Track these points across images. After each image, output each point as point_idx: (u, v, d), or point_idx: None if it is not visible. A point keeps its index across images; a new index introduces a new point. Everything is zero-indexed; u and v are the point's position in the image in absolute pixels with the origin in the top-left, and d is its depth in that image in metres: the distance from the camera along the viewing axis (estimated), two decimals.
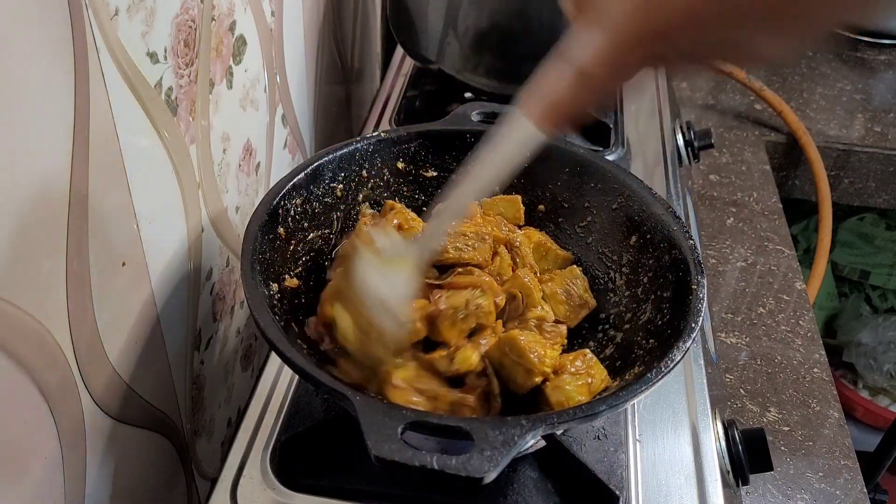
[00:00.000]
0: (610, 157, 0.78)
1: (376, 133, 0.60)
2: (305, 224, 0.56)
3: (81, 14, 0.38)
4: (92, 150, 0.41)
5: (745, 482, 0.58)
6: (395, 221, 0.56)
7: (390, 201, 0.59)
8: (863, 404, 1.44)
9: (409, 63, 0.98)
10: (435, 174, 0.63)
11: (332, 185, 0.58)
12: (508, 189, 0.62)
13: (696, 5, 0.32)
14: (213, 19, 0.54)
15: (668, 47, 0.35)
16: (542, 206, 0.62)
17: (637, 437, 0.55)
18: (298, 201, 0.55)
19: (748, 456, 0.57)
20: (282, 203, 0.53)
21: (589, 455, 0.50)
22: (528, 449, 0.51)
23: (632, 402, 0.44)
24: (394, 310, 0.43)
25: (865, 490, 0.76)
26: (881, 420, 1.40)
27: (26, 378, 0.39)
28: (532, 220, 0.62)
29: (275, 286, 0.50)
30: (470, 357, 0.47)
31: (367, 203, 0.60)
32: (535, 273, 0.56)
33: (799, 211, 1.41)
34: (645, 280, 0.54)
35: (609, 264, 0.57)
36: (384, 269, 0.44)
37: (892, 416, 1.27)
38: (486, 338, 0.49)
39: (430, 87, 0.90)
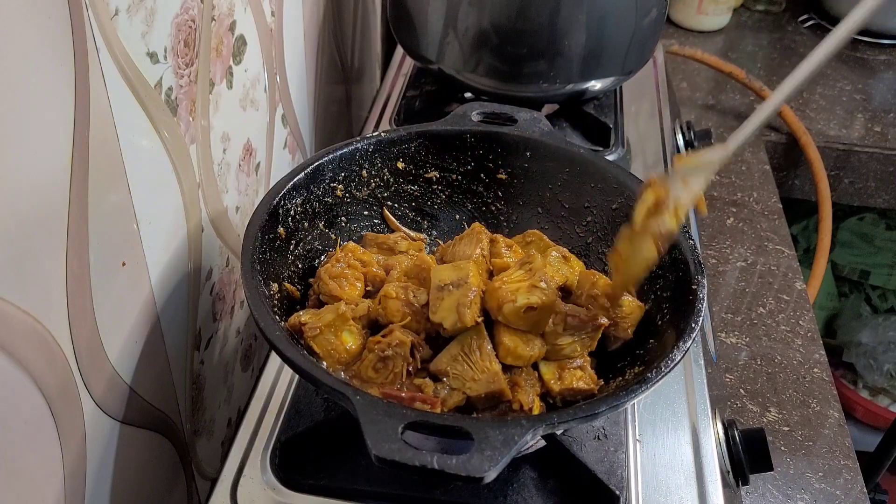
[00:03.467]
0: (610, 157, 0.78)
1: (376, 133, 0.60)
2: (306, 224, 0.56)
3: (81, 14, 0.38)
4: (92, 150, 0.41)
5: (745, 482, 0.58)
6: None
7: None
8: (863, 404, 1.44)
9: (409, 63, 0.98)
10: (435, 174, 0.63)
11: (332, 184, 0.58)
12: (508, 189, 0.62)
13: None
14: (213, 19, 0.54)
15: None
16: (541, 207, 0.62)
17: (637, 437, 0.55)
18: (298, 201, 0.55)
19: (748, 456, 0.57)
20: (282, 203, 0.53)
21: (589, 455, 0.50)
22: (528, 449, 0.51)
23: (632, 402, 0.44)
24: (689, 181, 0.48)
25: (865, 490, 0.76)
26: (881, 420, 1.40)
27: (26, 378, 0.39)
28: (532, 220, 0.62)
29: (275, 286, 0.50)
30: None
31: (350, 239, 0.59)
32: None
33: (799, 211, 1.41)
34: (645, 280, 0.54)
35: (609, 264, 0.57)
36: (692, 163, 0.49)
37: (892, 416, 1.27)
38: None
39: (430, 87, 0.90)
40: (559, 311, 0.50)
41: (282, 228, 0.53)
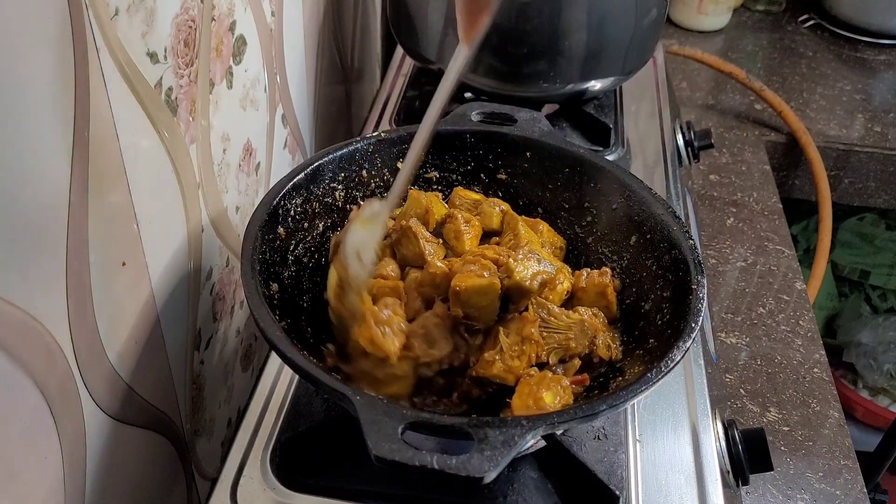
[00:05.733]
0: (610, 157, 0.78)
1: (376, 133, 0.60)
2: (306, 224, 0.56)
3: (81, 14, 0.38)
4: (92, 150, 0.41)
5: (745, 482, 0.58)
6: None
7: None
8: (863, 404, 1.44)
9: (409, 63, 0.98)
10: (435, 174, 0.63)
11: (332, 185, 0.58)
12: (508, 189, 0.62)
13: None
14: (213, 19, 0.54)
15: None
16: (541, 207, 0.62)
17: (637, 437, 0.55)
18: (298, 201, 0.55)
19: (748, 456, 0.57)
20: (282, 203, 0.53)
21: (589, 455, 0.50)
22: (528, 449, 0.51)
23: (632, 402, 0.44)
24: (362, 255, 0.50)
25: (865, 490, 0.76)
26: (881, 420, 1.40)
27: (26, 378, 0.39)
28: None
29: (275, 286, 0.50)
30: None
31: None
32: None
33: (799, 211, 1.41)
34: (645, 280, 0.54)
35: (609, 264, 0.57)
36: (360, 227, 0.51)
37: (892, 416, 1.27)
38: None
39: (430, 87, 0.90)
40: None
41: (282, 228, 0.53)
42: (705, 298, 0.48)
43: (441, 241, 0.56)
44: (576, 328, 0.50)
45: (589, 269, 0.55)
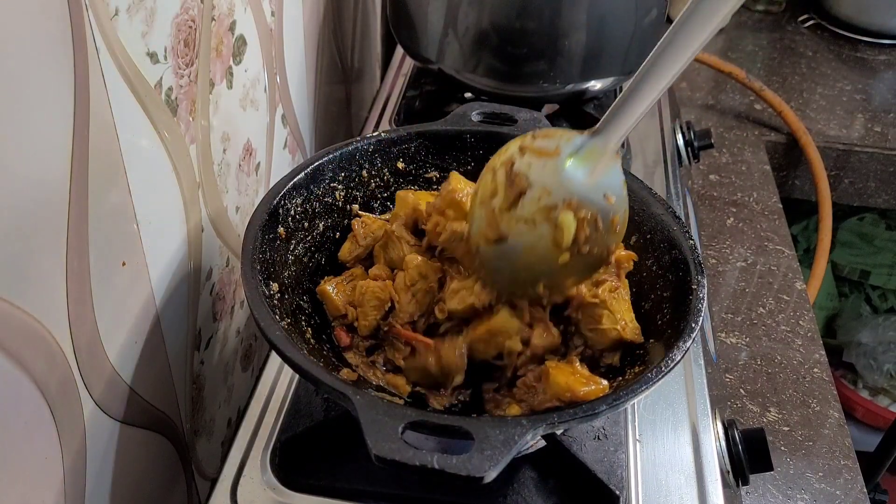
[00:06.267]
0: None
1: (376, 133, 0.60)
2: (306, 224, 0.56)
3: (81, 14, 0.38)
4: (92, 150, 0.41)
5: (745, 482, 0.58)
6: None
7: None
8: (863, 404, 1.44)
9: (409, 63, 0.98)
10: (435, 174, 0.63)
11: (332, 184, 0.58)
12: None
13: None
14: (213, 19, 0.54)
15: None
16: None
17: (637, 437, 0.55)
18: (298, 201, 0.55)
19: (748, 456, 0.57)
20: (282, 203, 0.53)
21: (589, 455, 0.50)
22: (528, 449, 0.51)
23: (632, 402, 0.44)
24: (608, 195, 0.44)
25: (865, 490, 0.76)
26: (881, 420, 1.40)
27: (26, 378, 0.39)
28: None
29: (275, 286, 0.50)
30: None
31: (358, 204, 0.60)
32: None
33: (799, 211, 1.41)
34: (645, 280, 0.54)
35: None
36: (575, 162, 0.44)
37: (892, 416, 1.27)
38: None
39: (430, 87, 0.90)
40: None
41: (282, 228, 0.53)
42: (705, 298, 0.48)
43: (426, 241, 0.56)
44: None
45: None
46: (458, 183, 0.54)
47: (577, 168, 0.44)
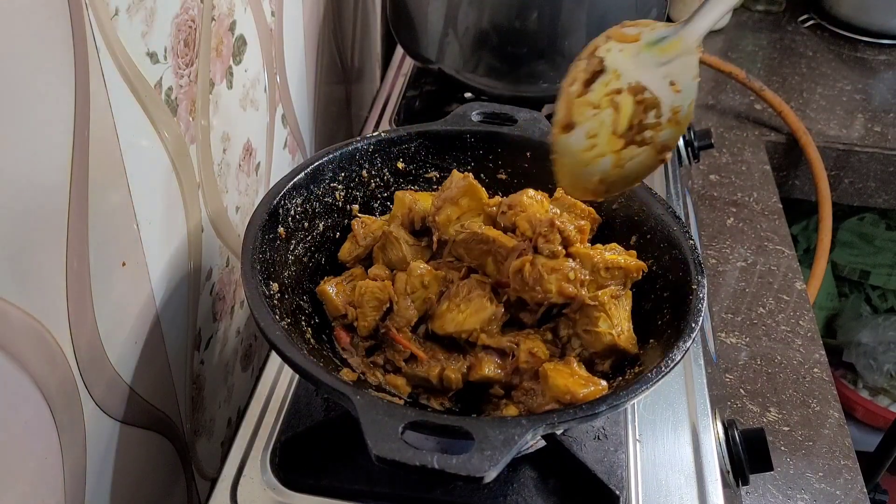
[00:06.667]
0: None
1: (376, 133, 0.60)
2: (306, 224, 0.56)
3: (81, 14, 0.38)
4: (92, 150, 0.41)
5: (745, 482, 0.58)
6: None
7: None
8: (863, 404, 1.44)
9: (409, 63, 0.98)
10: (435, 174, 0.63)
11: (332, 185, 0.58)
12: (508, 190, 0.62)
13: None
14: (213, 19, 0.54)
15: None
16: None
17: (637, 437, 0.55)
18: (298, 201, 0.55)
19: (748, 456, 0.57)
20: (282, 203, 0.53)
21: (589, 455, 0.50)
22: (528, 449, 0.51)
23: (632, 402, 0.44)
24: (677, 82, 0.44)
25: (865, 490, 0.76)
26: (881, 420, 1.40)
27: (26, 378, 0.39)
28: None
29: (275, 286, 0.50)
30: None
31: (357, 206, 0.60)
32: None
33: (799, 211, 1.41)
34: (645, 280, 0.54)
35: None
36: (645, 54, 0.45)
37: (892, 416, 1.27)
38: None
39: (430, 87, 0.90)
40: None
41: (282, 228, 0.53)
42: (705, 298, 0.48)
43: (425, 241, 0.56)
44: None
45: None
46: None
47: (651, 55, 0.45)
